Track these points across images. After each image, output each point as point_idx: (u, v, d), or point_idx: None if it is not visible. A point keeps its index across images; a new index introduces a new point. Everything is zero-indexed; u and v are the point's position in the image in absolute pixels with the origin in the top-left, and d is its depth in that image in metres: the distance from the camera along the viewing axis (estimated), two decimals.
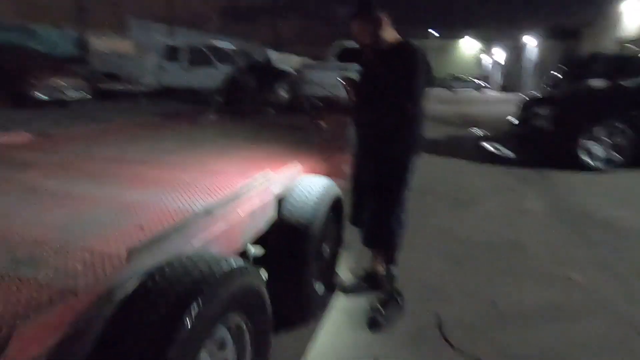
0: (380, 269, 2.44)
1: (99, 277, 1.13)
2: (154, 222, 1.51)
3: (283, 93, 6.86)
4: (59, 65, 11.10)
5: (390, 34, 2.18)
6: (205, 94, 10.99)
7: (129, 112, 10.19)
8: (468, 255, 3.11)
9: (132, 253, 1.19)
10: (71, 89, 10.22)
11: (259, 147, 2.90)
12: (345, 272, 2.69)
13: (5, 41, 12.20)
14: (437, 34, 47.96)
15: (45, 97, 9.49)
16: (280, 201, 2.02)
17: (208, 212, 1.56)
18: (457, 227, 3.70)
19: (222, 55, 13.45)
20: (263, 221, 1.92)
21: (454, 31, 49.49)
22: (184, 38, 18.12)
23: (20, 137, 2.93)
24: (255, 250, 2.08)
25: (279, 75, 10.18)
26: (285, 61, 14.27)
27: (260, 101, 5.65)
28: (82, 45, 16.52)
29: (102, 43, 16.98)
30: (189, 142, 3.04)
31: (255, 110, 5.18)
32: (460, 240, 3.39)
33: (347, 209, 2.46)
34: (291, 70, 11.08)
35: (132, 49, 17.36)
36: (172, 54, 14.07)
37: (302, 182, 2.12)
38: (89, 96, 10.67)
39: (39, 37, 15.28)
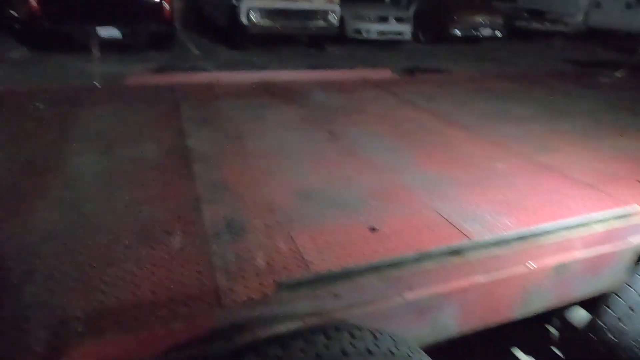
0: None
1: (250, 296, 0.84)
2: (392, 227, 1.07)
3: None
4: (482, 2, 11.08)
5: None
6: None
7: (532, 56, 9.19)
8: None
9: (295, 285, 0.81)
10: (485, 27, 10.09)
11: None
12: None
13: None
14: None
15: (459, 34, 9.78)
16: None
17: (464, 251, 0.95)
18: None
19: None
20: (591, 284, 1.10)
21: None
22: None
23: (383, 73, 2.95)
24: (577, 315, 1.24)
25: None
26: None
27: None
28: None
29: None
30: (551, 109, 2.20)
31: None
32: None
33: None
34: None
35: None
36: None
37: None
38: (498, 35, 10.25)
39: None
